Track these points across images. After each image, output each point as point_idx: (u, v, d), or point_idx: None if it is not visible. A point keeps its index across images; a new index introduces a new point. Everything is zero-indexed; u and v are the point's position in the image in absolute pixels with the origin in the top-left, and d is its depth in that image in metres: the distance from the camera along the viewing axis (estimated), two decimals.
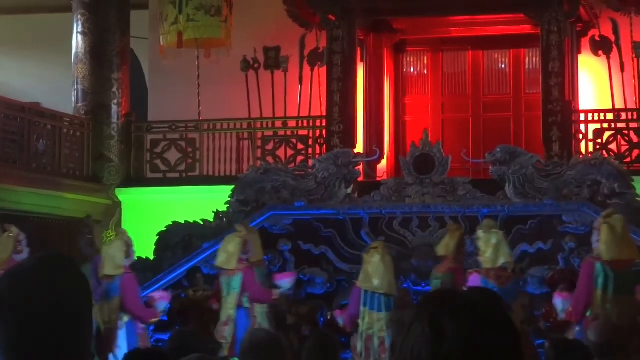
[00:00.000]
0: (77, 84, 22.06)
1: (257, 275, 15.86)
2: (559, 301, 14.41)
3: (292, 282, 16.47)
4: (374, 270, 14.97)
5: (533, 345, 14.17)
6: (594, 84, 21.97)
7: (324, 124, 21.10)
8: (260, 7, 22.78)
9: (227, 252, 15.79)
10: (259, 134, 21.81)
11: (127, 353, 6.19)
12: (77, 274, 3.13)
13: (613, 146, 20.33)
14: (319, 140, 21.30)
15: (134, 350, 6.71)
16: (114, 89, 22.10)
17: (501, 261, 14.59)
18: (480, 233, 14.91)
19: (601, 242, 14.00)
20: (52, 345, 3.00)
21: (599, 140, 20.38)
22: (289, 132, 21.79)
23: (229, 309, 15.52)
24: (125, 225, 21.52)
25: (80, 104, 22.02)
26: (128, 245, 15.68)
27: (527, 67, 22.39)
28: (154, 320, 15.62)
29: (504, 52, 22.72)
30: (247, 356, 6.25)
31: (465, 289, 3.16)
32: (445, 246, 15.65)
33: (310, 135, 21.55)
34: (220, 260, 15.86)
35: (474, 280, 14.60)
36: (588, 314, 13.42)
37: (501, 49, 22.69)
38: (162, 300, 16.05)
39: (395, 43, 22.56)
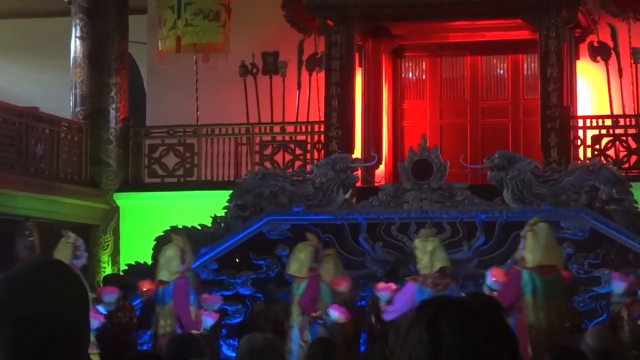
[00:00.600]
0: (76, 88, 22.07)
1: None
2: None
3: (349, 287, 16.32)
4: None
5: None
6: (592, 90, 21.99)
7: (322, 129, 21.10)
8: (258, 12, 22.81)
9: (299, 260, 15.79)
10: (257, 139, 21.81)
11: (129, 356, 6.20)
12: (73, 280, 3.14)
13: (611, 152, 20.34)
14: (317, 146, 21.30)
15: (132, 354, 6.71)
16: (112, 94, 22.10)
17: (438, 266, 14.65)
18: (417, 242, 15.08)
19: (526, 250, 14.15)
20: (48, 349, 3.01)
21: (597, 146, 20.39)
22: (287, 138, 21.79)
23: (295, 315, 15.51)
24: (123, 230, 21.55)
25: (78, 109, 22.02)
26: (183, 251, 15.58)
27: (525, 72, 22.41)
28: (195, 332, 15.46)
29: (502, 58, 22.74)
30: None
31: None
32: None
33: (309, 140, 21.56)
34: (293, 268, 15.93)
35: (409, 288, 14.65)
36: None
37: (499, 55, 22.71)
38: (208, 317, 15.90)
39: (393, 48, 22.58)
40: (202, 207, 19.43)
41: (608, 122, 20.89)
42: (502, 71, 22.85)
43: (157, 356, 6.01)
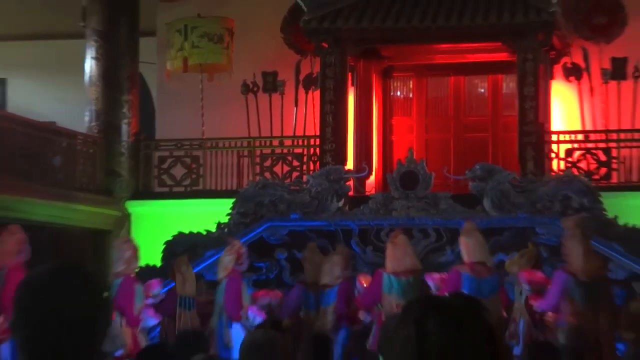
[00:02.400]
0: (90, 104, 22.08)
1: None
2: None
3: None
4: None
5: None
6: (565, 107, 22.02)
7: (317, 143, 21.11)
8: (259, 35, 22.81)
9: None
10: (258, 152, 21.82)
11: (141, 350, 6.18)
12: (89, 281, 3.14)
13: (583, 164, 20.36)
14: (312, 158, 21.31)
15: (145, 347, 6.70)
16: (125, 110, 22.11)
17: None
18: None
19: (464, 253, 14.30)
20: (65, 344, 3.01)
21: (570, 159, 20.42)
22: (285, 150, 21.81)
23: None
24: (134, 235, 21.51)
25: (93, 123, 22.02)
26: (240, 254, 15.45)
27: (504, 91, 22.41)
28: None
29: (483, 78, 22.74)
30: (247, 355, 6.26)
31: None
32: None
33: (305, 153, 21.57)
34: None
35: (379, 275, 14.73)
36: None
37: (480, 75, 22.72)
38: (257, 316, 15.69)
39: (383, 69, 22.58)
40: (208, 214, 19.42)
41: (580, 137, 20.92)
42: (483, 90, 22.86)
43: (168, 348, 6.00)
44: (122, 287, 14.56)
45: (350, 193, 19.16)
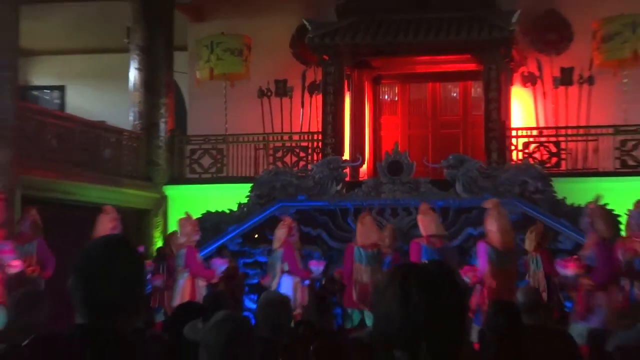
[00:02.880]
0: (134, 107, 22.08)
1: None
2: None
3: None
4: None
5: None
6: (523, 108, 21.99)
7: (319, 138, 21.10)
8: (272, 49, 22.79)
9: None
10: (271, 145, 21.81)
11: (178, 305, 6.16)
12: (133, 252, 3.17)
13: (537, 155, 20.35)
14: (316, 150, 21.30)
15: (182, 303, 6.67)
16: (162, 111, 22.10)
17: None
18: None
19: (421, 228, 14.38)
20: (112, 301, 3.04)
21: (527, 151, 20.41)
22: (293, 144, 21.80)
23: None
24: (170, 214, 21.54)
25: (136, 122, 22.03)
26: (290, 228, 15.33)
27: (473, 95, 22.40)
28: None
29: (455, 84, 22.72)
30: (263, 311, 6.26)
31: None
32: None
33: (310, 146, 21.56)
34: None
35: (350, 248, 14.89)
36: None
37: (453, 82, 22.69)
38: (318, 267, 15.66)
39: (373, 77, 22.56)
40: (230, 197, 19.44)
41: (535, 132, 20.92)
42: (455, 94, 22.84)
43: (203, 307, 5.98)
44: (187, 256, 14.65)
45: (347, 179, 19.16)
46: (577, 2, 21.81)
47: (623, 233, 13.99)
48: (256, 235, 18.21)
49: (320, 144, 21.06)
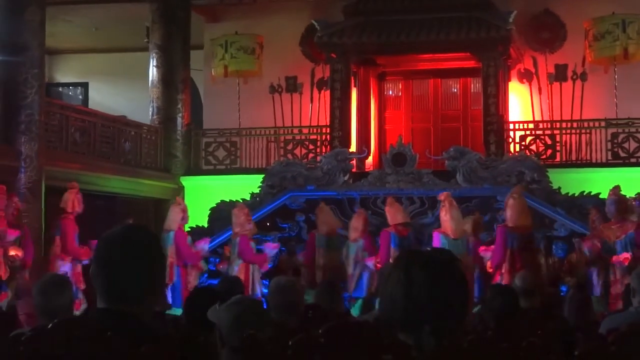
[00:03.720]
0: (153, 102, 22.09)
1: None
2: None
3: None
4: None
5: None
6: (520, 103, 21.96)
7: (328, 131, 21.10)
8: (282, 48, 22.76)
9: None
10: (282, 138, 21.82)
11: (193, 290, 6.15)
12: (153, 239, 3.16)
13: (533, 147, 20.35)
14: (324, 143, 21.30)
15: (195, 288, 6.67)
16: (179, 106, 22.11)
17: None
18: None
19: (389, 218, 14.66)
20: (132, 286, 3.04)
21: (523, 143, 20.40)
22: (303, 137, 21.80)
23: None
24: (187, 203, 21.52)
25: (155, 117, 22.04)
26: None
27: (472, 90, 22.34)
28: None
29: (456, 80, 22.66)
30: (274, 296, 6.26)
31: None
32: None
33: (318, 139, 21.56)
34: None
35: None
36: None
37: (454, 78, 22.64)
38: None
39: (378, 74, 22.53)
40: (243, 187, 19.43)
41: (531, 125, 20.91)
42: (455, 90, 22.79)
43: (216, 292, 5.98)
44: (240, 244, 14.87)
45: (353, 170, 19.14)
46: (570, 2, 21.77)
47: None
48: (268, 223, 18.21)
49: (328, 137, 21.05)
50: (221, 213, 18.22)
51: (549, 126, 20.75)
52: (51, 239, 14.31)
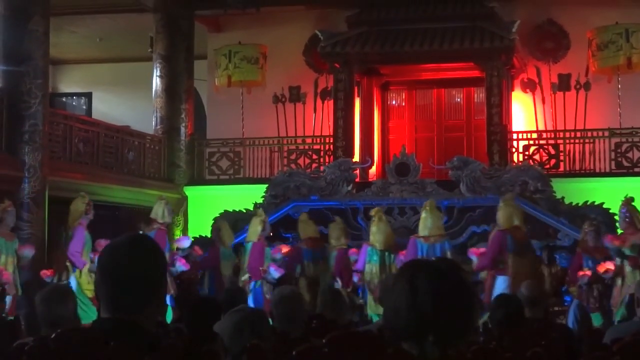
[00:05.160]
0: (156, 112, 22.11)
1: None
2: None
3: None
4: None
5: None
6: (523, 113, 21.96)
7: (331, 141, 21.11)
8: (286, 57, 22.78)
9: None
10: (285, 148, 21.82)
11: (193, 300, 6.15)
12: (155, 249, 3.16)
13: (537, 157, 20.34)
14: (327, 152, 21.31)
15: (197, 298, 6.67)
16: (183, 116, 22.13)
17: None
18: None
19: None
20: (135, 295, 3.03)
21: (527, 153, 20.39)
22: (306, 147, 21.80)
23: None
24: (190, 213, 21.58)
25: (158, 127, 22.06)
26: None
27: (475, 100, 22.36)
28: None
29: (459, 90, 22.69)
30: (277, 305, 6.25)
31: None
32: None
33: (322, 148, 21.57)
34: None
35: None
36: None
37: (457, 88, 22.67)
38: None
39: (382, 83, 22.56)
40: (246, 197, 19.42)
41: (534, 135, 20.89)
42: (459, 99, 22.81)
43: (216, 301, 5.98)
44: (253, 250, 14.87)
45: (357, 179, 19.15)
46: (573, 12, 21.78)
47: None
48: (271, 233, 18.19)
49: (331, 146, 21.06)
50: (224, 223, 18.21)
51: (553, 136, 20.75)
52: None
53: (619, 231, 13.96)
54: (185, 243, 15.75)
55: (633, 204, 13.60)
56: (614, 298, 12.92)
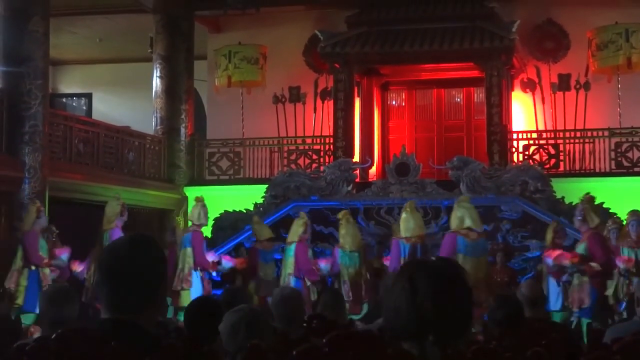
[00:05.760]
0: (156, 113, 22.11)
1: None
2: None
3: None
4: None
5: None
6: (523, 113, 21.96)
7: (331, 141, 21.10)
8: (286, 58, 22.79)
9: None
10: (285, 148, 21.81)
11: (192, 300, 6.15)
12: (156, 248, 3.16)
13: (537, 157, 20.33)
14: (327, 153, 21.30)
15: (197, 298, 6.66)
16: (183, 117, 22.13)
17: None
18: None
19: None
20: (135, 295, 3.03)
21: (527, 153, 20.39)
22: (306, 147, 21.79)
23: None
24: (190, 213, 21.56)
25: (158, 127, 22.06)
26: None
27: (475, 100, 22.36)
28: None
29: (459, 90, 22.69)
30: (278, 305, 6.25)
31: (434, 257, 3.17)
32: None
33: (322, 149, 21.56)
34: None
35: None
36: None
37: (457, 88, 22.66)
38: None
39: (382, 84, 22.55)
40: (247, 197, 19.42)
41: (534, 135, 20.88)
42: (459, 99, 22.81)
43: (217, 301, 5.98)
44: (298, 252, 15.18)
45: (357, 180, 19.15)
46: (573, 12, 21.78)
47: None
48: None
49: (331, 147, 21.06)
50: (225, 223, 18.23)
51: (553, 136, 20.74)
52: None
53: None
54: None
55: (594, 202, 13.93)
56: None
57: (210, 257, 15.68)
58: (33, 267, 13.68)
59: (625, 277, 13.13)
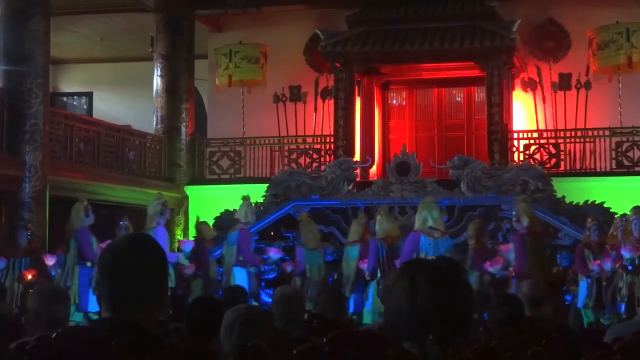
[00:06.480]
0: (157, 112, 22.12)
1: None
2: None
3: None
4: None
5: None
6: (524, 112, 21.95)
7: (331, 140, 21.10)
8: (287, 57, 22.78)
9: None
10: (286, 147, 21.81)
11: (192, 300, 6.15)
12: (156, 248, 3.15)
13: (537, 156, 20.33)
14: (328, 152, 21.30)
15: (197, 298, 6.65)
16: (183, 116, 22.14)
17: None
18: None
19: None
20: (137, 297, 3.03)
21: (527, 152, 20.38)
22: (307, 146, 21.79)
23: None
24: (190, 212, 21.56)
25: (159, 126, 22.06)
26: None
27: (476, 100, 22.35)
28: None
29: (459, 89, 22.68)
30: (278, 305, 6.24)
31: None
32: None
33: (322, 148, 21.56)
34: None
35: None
36: None
37: (457, 87, 22.65)
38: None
39: (382, 83, 22.54)
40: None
41: (535, 134, 20.88)
42: (459, 99, 22.79)
43: (216, 301, 5.98)
44: (364, 251, 15.11)
45: (358, 179, 19.14)
46: (574, 12, 21.78)
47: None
48: (272, 233, 18.20)
49: (332, 146, 21.06)
50: (225, 223, 18.21)
51: (553, 135, 20.74)
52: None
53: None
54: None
55: (528, 202, 14.39)
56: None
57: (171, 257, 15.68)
58: (89, 264, 13.93)
59: (627, 271, 13.12)
